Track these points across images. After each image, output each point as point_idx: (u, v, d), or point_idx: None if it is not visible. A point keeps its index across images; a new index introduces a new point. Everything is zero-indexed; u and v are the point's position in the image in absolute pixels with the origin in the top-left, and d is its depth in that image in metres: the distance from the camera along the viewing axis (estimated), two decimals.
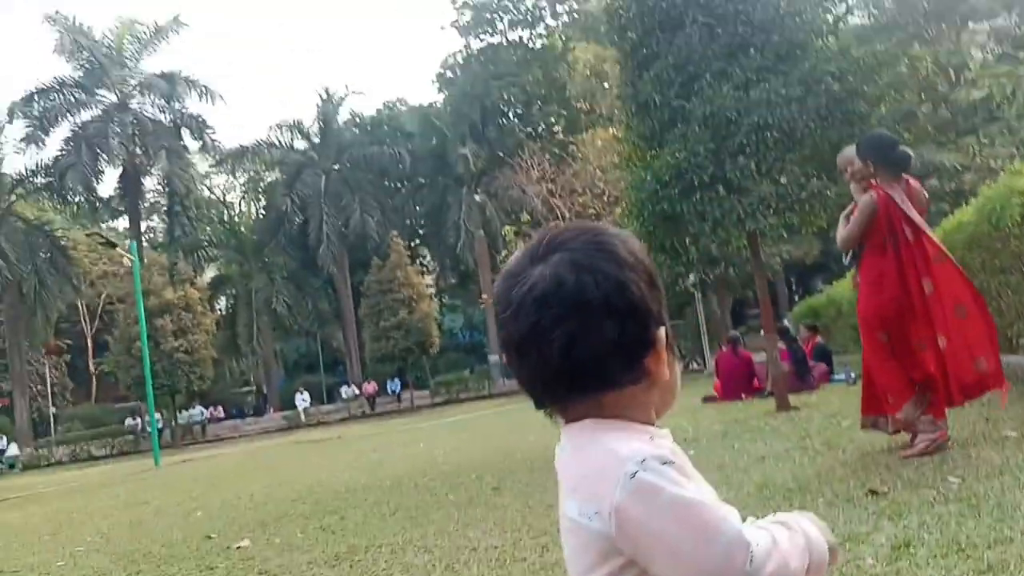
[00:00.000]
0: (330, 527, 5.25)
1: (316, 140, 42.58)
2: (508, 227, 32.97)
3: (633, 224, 8.23)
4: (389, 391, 37.58)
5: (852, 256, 4.86)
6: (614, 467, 0.87)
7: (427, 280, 43.88)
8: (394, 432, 16.59)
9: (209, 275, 43.90)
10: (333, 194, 39.54)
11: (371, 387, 37.21)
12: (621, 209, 12.18)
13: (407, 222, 43.66)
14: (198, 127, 40.54)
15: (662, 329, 0.94)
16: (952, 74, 25.33)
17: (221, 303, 43.42)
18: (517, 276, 0.94)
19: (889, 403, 4.67)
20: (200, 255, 44.20)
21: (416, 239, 46.94)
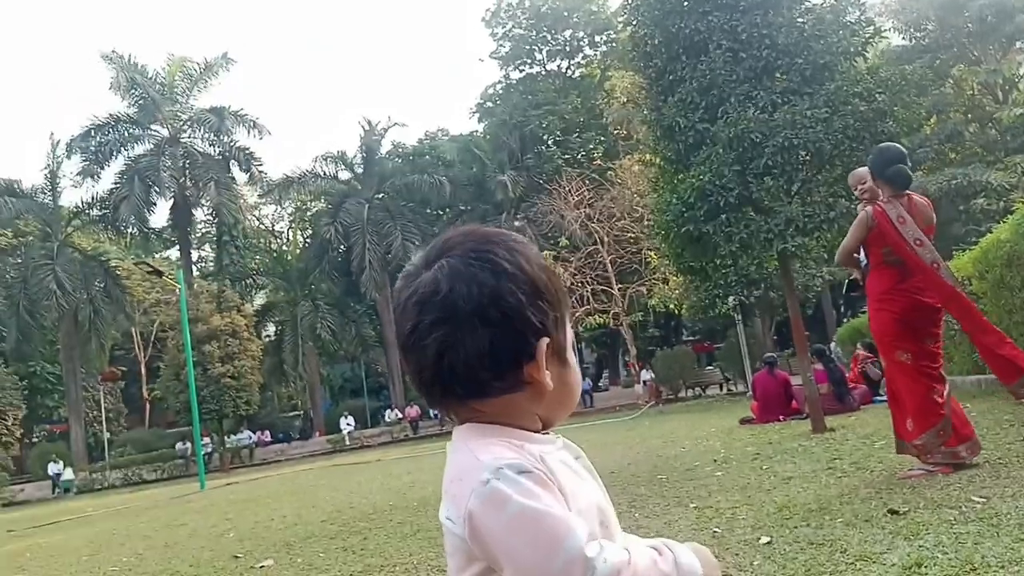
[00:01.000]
0: (352, 547, 5.31)
1: (359, 170, 43.33)
2: (547, 252, 33.05)
3: (661, 245, 8.22)
4: (431, 415, 37.69)
5: (850, 284, 4.83)
6: (473, 473, 0.87)
7: None
8: (430, 455, 16.63)
9: (258, 302, 44.79)
10: (375, 222, 40.11)
11: (414, 411, 37.38)
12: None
13: None
14: (246, 159, 41.57)
15: (544, 340, 0.92)
16: (999, 93, 24.80)
17: (269, 329, 44.18)
18: (408, 278, 0.96)
19: (908, 429, 4.58)
20: (248, 283, 45.23)
21: None
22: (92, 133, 38.95)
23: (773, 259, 8.71)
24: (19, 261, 38.58)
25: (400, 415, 38.27)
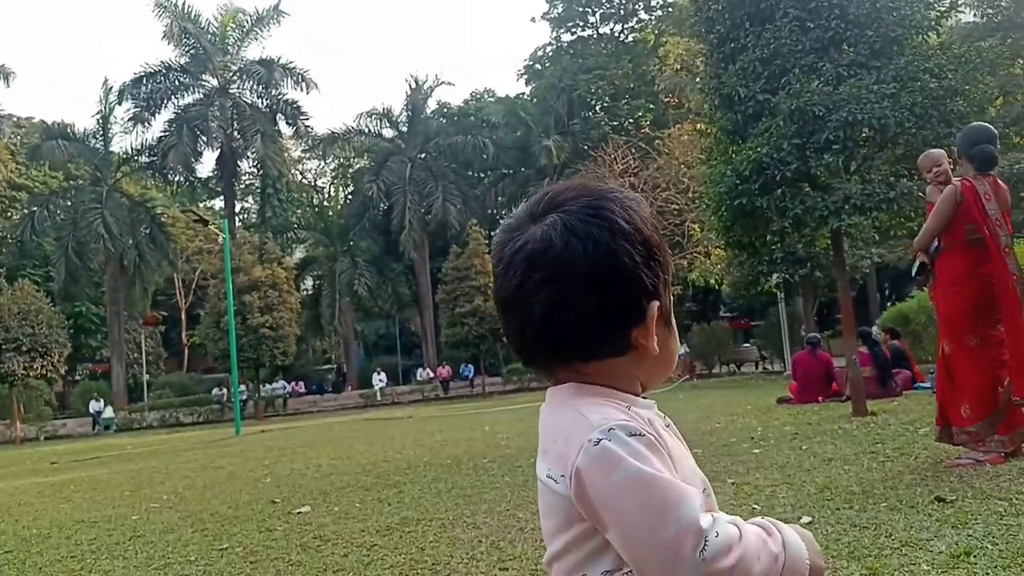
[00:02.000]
0: (387, 499, 5.37)
1: (404, 128, 43.27)
2: None
3: (710, 218, 8.07)
4: (463, 376, 38.02)
5: (920, 267, 4.68)
6: (581, 432, 0.84)
7: None
8: (462, 415, 16.78)
9: (297, 256, 45.34)
10: (417, 182, 40.13)
11: (445, 371, 37.73)
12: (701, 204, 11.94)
13: (488, 211, 43.92)
14: (292, 113, 41.76)
15: (655, 303, 0.89)
16: None
17: (307, 283, 44.75)
18: (512, 232, 0.93)
19: (963, 415, 4.46)
20: (289, 236, 45.75)
21: (495, 228, 47.19)
22: (144, 80, 39.40)
23: (825, 237, 8.49)
24: (69, 204, 39.44)
25: (432, 374, 38.67)
